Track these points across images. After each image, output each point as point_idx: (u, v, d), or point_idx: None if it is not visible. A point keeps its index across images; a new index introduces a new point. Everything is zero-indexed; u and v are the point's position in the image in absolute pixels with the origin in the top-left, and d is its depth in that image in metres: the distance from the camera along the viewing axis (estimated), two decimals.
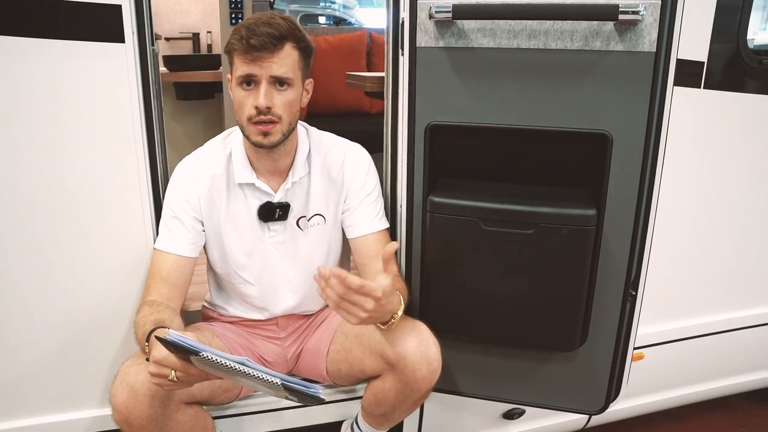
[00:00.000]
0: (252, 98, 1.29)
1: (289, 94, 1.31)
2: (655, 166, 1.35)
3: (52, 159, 1.34)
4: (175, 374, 1.04)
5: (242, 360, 1.03)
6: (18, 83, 1.29)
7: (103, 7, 1.28)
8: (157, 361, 1.04)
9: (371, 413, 1.47)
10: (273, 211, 1.42)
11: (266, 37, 1.24)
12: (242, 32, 1.25)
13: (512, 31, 1.31)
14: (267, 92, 1.28)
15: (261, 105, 1.27)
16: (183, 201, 1.38)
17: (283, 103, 1.30)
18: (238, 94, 1.30)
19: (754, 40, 1.84)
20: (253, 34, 1.24)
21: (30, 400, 1.48)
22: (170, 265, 1.35)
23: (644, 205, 1.37)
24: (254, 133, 1.31)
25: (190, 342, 1.00)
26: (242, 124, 1.32)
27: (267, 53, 1.25)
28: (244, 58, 1.26)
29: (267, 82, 1.28)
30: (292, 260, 1.47)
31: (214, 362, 1.00)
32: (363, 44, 3.54)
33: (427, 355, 1.33)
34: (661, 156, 1.36)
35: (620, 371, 1.53)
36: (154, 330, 1.15)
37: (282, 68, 1.27)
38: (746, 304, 1.98)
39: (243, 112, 1.31)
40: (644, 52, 1.26)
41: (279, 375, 1.03)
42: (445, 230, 1.41)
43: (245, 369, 1.02)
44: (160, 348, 1.03)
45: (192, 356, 1.01)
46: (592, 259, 1.37)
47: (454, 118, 1.39)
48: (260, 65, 1.26)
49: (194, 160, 1.43)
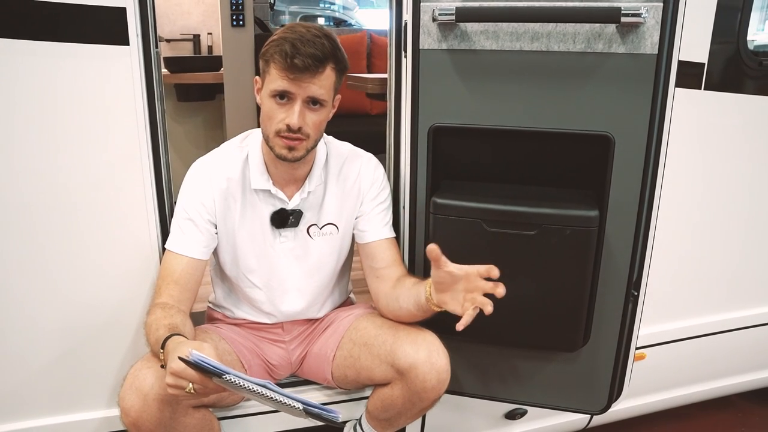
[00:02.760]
0: (284, 113, 1.27)
1: (321, 114, 1.30)
2: (657, 167, 1.36)
3: (57, 161, 1.35)
4: (192, 387, 1.04)
5: (264, 383, 1.03)
6: (23, 86, 1.29)
7: (107, 10, 1.29)
8: (175, 373, 1.04)
9: (376, 417, 1.48)
10: (286, 218, 1.41)
11: (310, 58, 1.22)
12: (286, 48, 1.22)
13: (515, 33, 1.32)
14: (301, 112, 1.27)
15: (294, 125, 1.26)
16: (198, 203, 1.38)
17: (313, 123, 1.29)
18: (270, 106, 1.29)
19: (754, 41, 1.85)
20: (297, 53, 1.22)
21: (38, 401, 1.48)
22: (183, 267, 1.35)
23: (646, 206, 1.38)
24: (279, 146, 1.30)
25: (213, 363, 1.00)
26: (268, 134, 1.31)
27: (308, 74, 1.24)
28: (283, 74, 1.24)
29: (302, 101, 1.27)
30: (300, 266, 1.47)
31: (236, 384, 1.00)
32: (363, 45, 3.56)
33: (437, 366, 1.33)
34: (662, 157, 1.37)
35: (622, 371, 1.53)
36: (169, 336, 1.15)
37: (320, 90, 1.27)
38: (747, 304, 1.99)
39: (272, 124, 1.29)
40: (646, 54, 1.27)
41: (300, 399, 1.03)
42: (448, 231, 1.42)
43: (267, 392, 1.02)
44: (179, 360, 1.04)
45: (215, 377, 1.02)
46: (594, 259, 1.38)
47: (457, 119, 1.39)
48: (299, 85, 1.25)
49: (210, 161, 1.42)
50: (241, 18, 2.98)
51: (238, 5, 2.97)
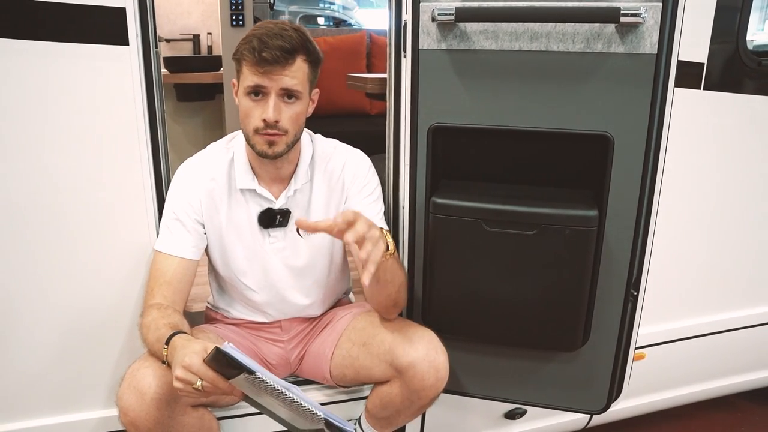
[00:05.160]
0: (260, 110, 1.28)
1: (296, 107, 1.31)
2: (656, 167, 1.36)
3: (56, 161, 1.35)
4: (201, 384, 1.03)
5: (289, 386, 1.02)
6: (22, 86, 1.29)
7: (107, 10, 1.29)
8: (188, 367, 1.03)
9: (375, 416, 1.48)
10: (273, 217, 1.42)
11: (278, 50, 1.23)
12: (254, 43, 1.23)
13: (514, 33, 1.32)
14: (276, 106, 1.27)
15: (269, 119, 1.27)
16: (185, 203, 1.38)
17: (290, 117, 1.30)
18: (246, 104, 1.30)
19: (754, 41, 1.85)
20: (265, 46, 1.22)
21: (36, 402, 1.48)
22: (174, 268, 1.35)
23: (645, 206, 1.38)
24: (260, 143, 1.31)
25: (247, 360, 0.99)
26: (248, 133, 1.32)
27: (278, 67, 1.24)
28: (254, 70, 1.25)
29: (276, 95, 1.27)
30: (292, 266, 1.47)
31: (264, 384, 0.99)
32: (363, 45, 3.55)
33: (435, 364, 1.33)
34: (662, 157, 1.37)
35: (622, 371, 1.53)
36: (174, 334, 1.15)
37: (292, 81, 1.27)
38: (746, 303, 1.99)
39: (249, 122, 1.30)
40: (645, 54, 1.27)
41: (323, 409, 1.03)
42: (447, 231, 1.42)
43: (291, 395, 1.00)
44: (192, 355, 1.03)
45: (244, 374, 0.99)
46: (593, 259, 1.38)
47: (457, 119, 1.39)
48: (270, 78, 1.25)
49: (196, 162, 1.43)
50: (240, 18, 2.98)
51: (237, 5, 2.97)
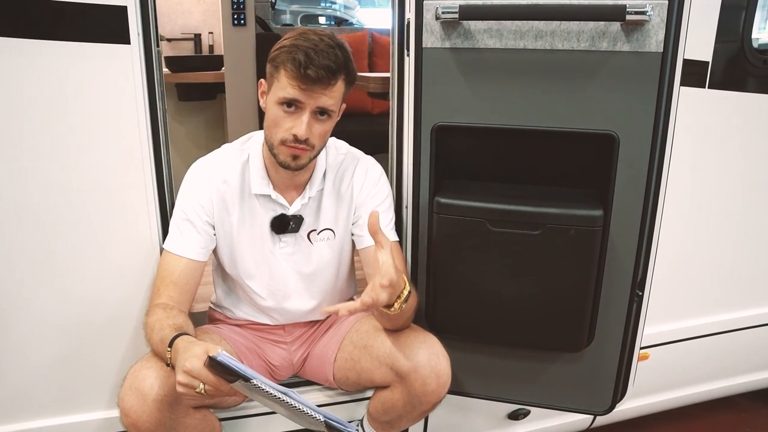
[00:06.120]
0: (290, 122, 1.26)
1: (327, 124, 1.29)
2: (662, 166, 1.35)
3: (58, 160, 1.34)
4: (203, 387, 1.03)
5: (287, 390, 1.02)
6: (23, 85, 1.28)
7: (108, 9, 1.28)
8: (189, 372, 1.02)
9: (377, 419, 1.47)
10: (286, 223, 1.40)
11: (324, 70, 1.20)
12: (300, 57, 1.19)
13: (519, 31, 1.31)
14: (309, 123, 1.25)
15: (301, 136, 1.25)
16: (196, 204, 1.37)
17: (319, 133, 1.28)
18: (276, 113, 1.26)
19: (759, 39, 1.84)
20: (311, 63, 1.19)
21: (37, 403, 1.47)
22: (181, 269, 1.34)
23: (650, 205, 1.37)
24: (284, 154, 1.29)
25: (240, 367, 0.98)
26: (273, 142, 1.29)
27: (320, 86, 1.22)
28: (294, 83, 1.22)
29: (310, 111, 1.25)
30: (300, 272, 1.46)
31: (260, 389, 0.98)
32: (365, 44, 3.55)
33: (437, 369, 1.32)
34: (667, 156, 1.36)
35: (627, 371, 1.53)
36: (177, 336, 1.14)
37: (329, 101, 1.25)
38: (751, 303, 1.98)
39: (277, 132, 1.27)
40: (651, 52, 1.26)
41: (322, 411, 1.02)
42: (451, 231, 1.41)
43: (289, 400, 1.00)
44: (193, 359, 1.02)
45: (240, 381, 0.99)
46: (598, 259, 1.37)
47: (460, 118, 1.38)
48: (310, 95, 1.23)
49: (209, 163, 1.41)
50: (242, 17, 2.98)
51: (239, 4, 2.96)
